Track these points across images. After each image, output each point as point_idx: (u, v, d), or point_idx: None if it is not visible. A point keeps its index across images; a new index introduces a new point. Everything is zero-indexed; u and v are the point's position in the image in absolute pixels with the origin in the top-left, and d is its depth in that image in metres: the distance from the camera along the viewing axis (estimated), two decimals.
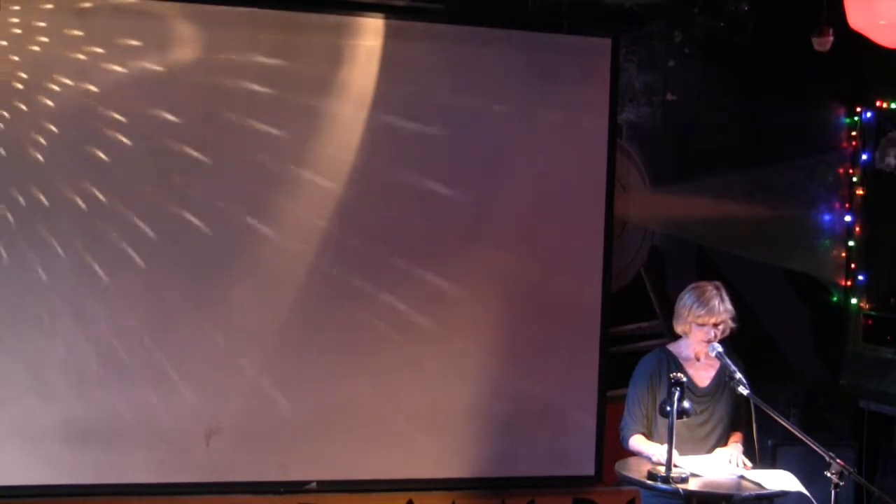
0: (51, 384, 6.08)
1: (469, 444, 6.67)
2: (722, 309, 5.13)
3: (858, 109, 7.42)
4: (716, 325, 5.12)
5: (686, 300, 5.19)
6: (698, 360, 5.23)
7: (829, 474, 4.61)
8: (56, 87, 6.08)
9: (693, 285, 5.24)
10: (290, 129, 6.37)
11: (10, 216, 6.03)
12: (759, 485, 4.86)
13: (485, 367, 6.68)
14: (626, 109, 7.04)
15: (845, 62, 7.12)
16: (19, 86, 6.04)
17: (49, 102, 6.07)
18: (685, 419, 4.94)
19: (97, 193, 6.13)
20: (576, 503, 6.80)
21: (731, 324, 5.19)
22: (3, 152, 6.03)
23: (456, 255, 6.63)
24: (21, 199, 6.05)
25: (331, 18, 6.42)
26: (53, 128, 6.07)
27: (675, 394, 4.84)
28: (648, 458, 5.06)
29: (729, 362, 5.03)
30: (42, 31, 6.05)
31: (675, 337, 5.37)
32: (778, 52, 7.11)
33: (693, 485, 4.83)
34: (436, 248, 6.60)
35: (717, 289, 5.19)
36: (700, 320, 5.12)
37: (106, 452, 6.15)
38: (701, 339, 5.14)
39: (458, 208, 6.62)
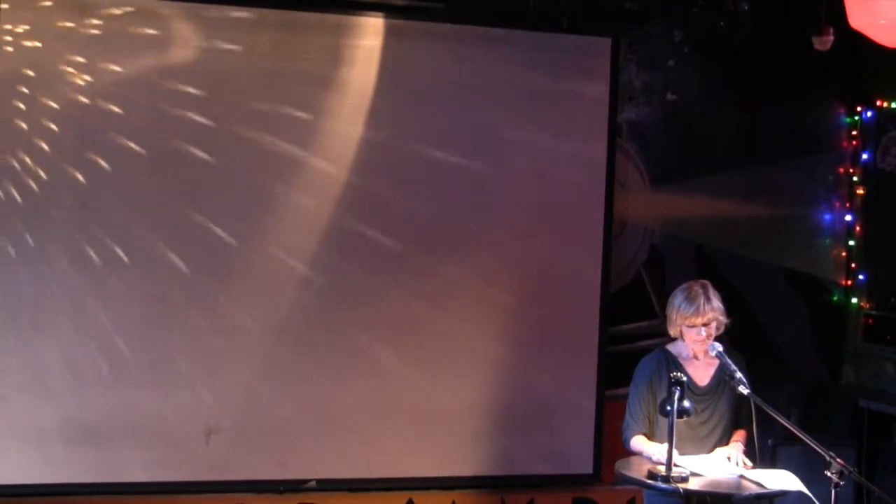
0: (50, 383, 6.08)
1: (469, 443, 6.68)
2: (708, 308, 5.09)
3: (859, 109, 7.42)
4: (706, 325, 5.10)
5: (674, 303, 5.17)
6: (697, 359, 5.22)
7: (829, 474, 4.60)
8: (56, 86, 6.07)
9: (680, 287, 5.22)
10: (290, 127, 6.37)
11: (11, 214, 6.03)
12: (759, 484, 4.85)
13: (484, 366, 6.69)
14: (625, 108, 7.04)
15: (845, 61, 7.14)
16: (20, 85, 6.04)
17: (49, 101, 6.06)
18: (686, 418, 4.94)
19: (98, 192, 6.13)
20: (575, 502, 6.81)
21: (722, 320, 5.16)
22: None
23: (455, 255, 6.63)
24: (21, 199, 6.05)
25: (331, 18, 6.42)
26: (54, 127, 6.07)
27: (675, 393, 4.84)
28: (649, 458, 5.05)
29: (729, 361, 5.02)
30: (40, 31, 6.06)
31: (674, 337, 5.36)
32: (778, 51, 7.11)
33: (693, 484, 4.82)
34: (435, 248, 6.60)
35: (704, 287, 5.15)
36: (689, 322, 5.10)
37: (106, 451, 6.15)
38: (694, 339, 5.13)
39: (457, 208, 6.62)
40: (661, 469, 4.84)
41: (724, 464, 5.04)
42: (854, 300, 7.41)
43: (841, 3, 5.11)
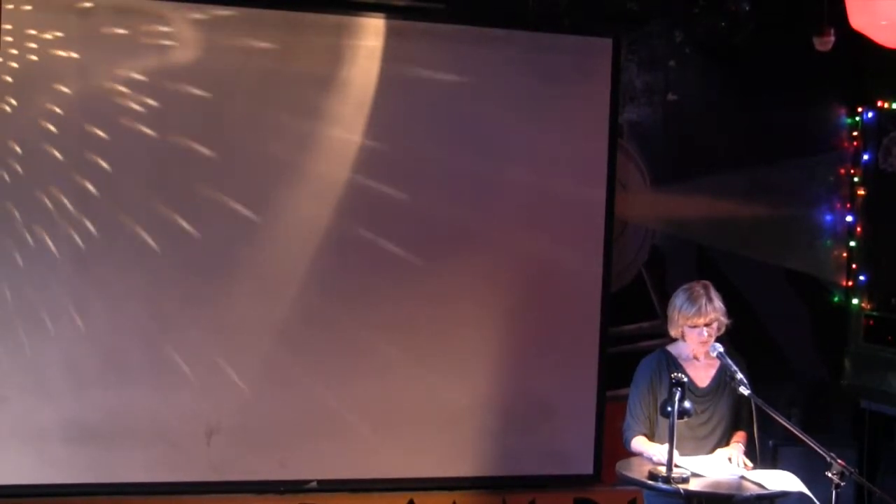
0: (51, 384, 6.07)
1: (470, 444, 6.67)
2: (710, 308, 5.09)
3: (859, 109, 7.41)
4: (707, 325, 5.10)
5: (675, 303, 5.17)
6: (697, 360, 5.22)
7: (829, 474, 4.60)
8: (57, 86, 6.07)
9: (681, 288, 5.22)
10: (289, 128, 6.37)
11: (15, 214, 6.03)
12: (760, 485, 4.85)
13: (485, 366, 6.68)
14: (626, 109, 7.03)
15: (846, 62, 7.13)
16: (19, 84, 6.04)
17: (52, 103, 6.06)
18: (686, 419, 4.94)
19: (97, 193, 6.13)
20: (577, 502, 6.80)
21: (724, 321, 5.16)
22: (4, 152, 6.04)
23: (455, 255, 6.62)
24: (22, 199, 6.04)
25: (331, 18, 6.42)
26: (53, 129, 6.07)
27: (675, 394, 4.84)
28: (650, 459, 5.05)
29: (730, 362, 5.02)
30: (39, 32, 6.05)
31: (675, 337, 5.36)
32: (779, 51, 7.11)
33: (694, 485, 4.82)
34: (435, 248, 6.60)
35: (705, 288, 5.16)
36: (690, 322, 5.10)
37: (106, 451, 6.14)
38: (695, 340, 5.13)
39: (457, 208, 6.61)
40: (662, 470, 4.84)
41: (725, 464, 5.04)
42: (855, 301, 7.40)
43: (842, 4, 5.10)
